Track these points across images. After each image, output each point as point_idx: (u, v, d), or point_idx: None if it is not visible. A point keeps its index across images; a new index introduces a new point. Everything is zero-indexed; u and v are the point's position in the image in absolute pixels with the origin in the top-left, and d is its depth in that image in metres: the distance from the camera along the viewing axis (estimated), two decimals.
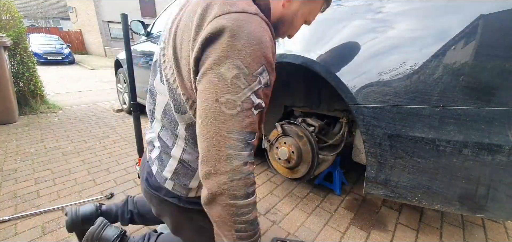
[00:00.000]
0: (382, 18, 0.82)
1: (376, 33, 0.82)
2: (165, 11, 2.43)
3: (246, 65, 0.43)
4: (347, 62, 0.86)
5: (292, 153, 1.29)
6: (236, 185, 0.44)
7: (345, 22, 0.92)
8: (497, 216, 0.73)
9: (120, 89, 3.30)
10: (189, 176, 0.66)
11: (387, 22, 0.81)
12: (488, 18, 0.63)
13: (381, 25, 0.81)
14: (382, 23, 0.81)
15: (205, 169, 0.45)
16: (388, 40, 0.79)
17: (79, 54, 15.89)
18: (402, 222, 1.21)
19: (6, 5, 2.84)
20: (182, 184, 0.67)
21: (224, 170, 0.43)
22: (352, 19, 0.90)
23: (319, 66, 0.93)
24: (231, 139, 0.43)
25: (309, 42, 0.99)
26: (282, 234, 1.13)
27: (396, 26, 0.78)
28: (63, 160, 1.84)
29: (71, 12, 18.42)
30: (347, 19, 0.91)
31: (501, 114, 0.63)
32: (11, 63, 2.91)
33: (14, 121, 2.72)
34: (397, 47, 0.77)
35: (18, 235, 1.09)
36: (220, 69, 0.43)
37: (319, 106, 1.37)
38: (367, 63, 0.81)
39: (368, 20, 0.85)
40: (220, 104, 0.43)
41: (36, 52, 9.77)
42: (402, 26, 0.77)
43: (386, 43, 0.79)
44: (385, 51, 0.78)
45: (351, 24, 0.89)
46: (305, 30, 1.02)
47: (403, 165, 0.81)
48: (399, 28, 0.78)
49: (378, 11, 0.84)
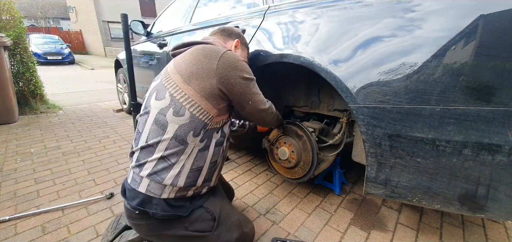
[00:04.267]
0: (382, 18, 0.82)
1: (376, 33, 0.82)
2: (165, 11, 2.43)
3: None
4: (347, 62, 0.86)
5: (292, 152, 1.29)
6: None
7: (344, 22, 0.92)
8: (497, 216, 0.73)
9: (120, 89, 3.30)
10: (167, 170, 0.75)
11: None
12: (488, 18, 0.63)
13: (381, 25, 0.81)
14: (382, 23, 0.81)
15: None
16: (388, 40, 0.79)
17: (79, 54, 15.89)
18: (402, 222, 1.21)
19: (6, 5, 2.84)
20: (158, 180, 0.75)
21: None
22: (351, 19, 0.90)
23: (319, 66, 0.93)
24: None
25: (309, 43, 0.99)
26: (282, 234, 1.13)
27: (396, 25, 0.78)
28: (63, 160, 1.84)
29: (71, 12, 18.42)
30: (346, 20, 0.91)
31: (501, 114, 0.63)
32: (11, 63, 2.91)
33: (14, 121, 2.72)
34: (397, 47, 0.76)
35: (18, 235, 1.09)
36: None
37: (319, 106, 1.37)
38: (367, 63, 0.81)
39: (368, 20, 0.85)
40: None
41: (36, 52, 9.79)
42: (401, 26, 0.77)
43: (386, 43, 0.79)
44: (385, 51, 0.78)
45: (351, 24, 0.89)
46: (305, 31, 1.02)
47: (403, 165, 0.81)
48: (398, 28, 0.78)
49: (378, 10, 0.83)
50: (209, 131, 0.79)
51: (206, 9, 1.83)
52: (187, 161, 0.77)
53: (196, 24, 1.78)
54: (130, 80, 1.44)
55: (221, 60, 0.77)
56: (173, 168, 0.75)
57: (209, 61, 0.76)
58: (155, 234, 0.82)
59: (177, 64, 0.81)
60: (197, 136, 0.77)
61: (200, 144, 0.78)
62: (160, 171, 0.75)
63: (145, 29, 2.42)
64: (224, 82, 0.77)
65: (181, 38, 1.90)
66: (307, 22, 1.04)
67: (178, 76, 0.77)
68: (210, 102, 0.77)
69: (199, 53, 0.79)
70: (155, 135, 0.76)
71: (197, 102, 0.75)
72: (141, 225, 0.81)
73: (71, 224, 1.17)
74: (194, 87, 0.75)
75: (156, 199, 0.76)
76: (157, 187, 0.75)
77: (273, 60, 1.10)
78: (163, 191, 0.76)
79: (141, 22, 2.39)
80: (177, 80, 0.77)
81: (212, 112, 0.78)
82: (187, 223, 0.81)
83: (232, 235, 0.83)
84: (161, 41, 2.09)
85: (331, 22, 0.95)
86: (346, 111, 1.22)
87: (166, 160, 0.75)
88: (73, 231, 1.12)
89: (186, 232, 0.81)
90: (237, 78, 0.79)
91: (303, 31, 1.03)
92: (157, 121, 0.76)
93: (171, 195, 0.77)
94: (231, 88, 0.79)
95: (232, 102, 0.84)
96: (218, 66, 0.76)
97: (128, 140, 2.30)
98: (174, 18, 2.16)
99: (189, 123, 0.75)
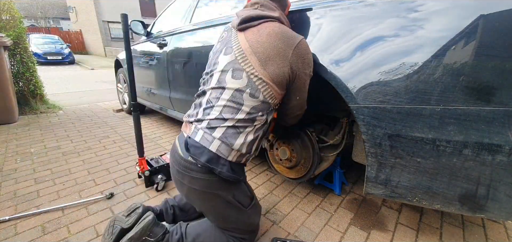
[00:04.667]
0: (381, 18, 0.82)
1: (376, 33, 0.82)
2: (165, 11, 2.43)
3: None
4: (347, 62, 0.86)
5: (292, 151, 1.29)
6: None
7: (344, 23, 0.92)
8: (497, 216, 0.73)
9: (120, 89, 3.30)
10: (235, 136, 0.82)
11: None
12: (488, 18, 0.63)
13: (383, 25, 0.81)
14: (382, 23, 0.81)
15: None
16: (388, 40, 0.79)
17: (79, 54, 15.89)
18: (402, 222, 1.21)
19: (6, 5, 2.84)
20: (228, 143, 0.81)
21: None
22: (351, 20, 0.90)
23: (319, 67, 0.93)
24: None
25: (309, 43, 0.99)
26: (282, 234, 1.13)
27: (396, 25, 0.78)
28: (63, 160, 1.84)
29: (71, 12, 18.43)
30: (346, 20, 0.91)
31: (501, 114, 0.63)
32: (11, 63, 2.91)
33: (14, 121, 2.72)
34: (397, 47, 0.77)
35: (18, 235, 1.09)
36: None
37: (319, 106, 1.37)
38: (367, 63, 0.81)
39: (367, 20, 0.85)
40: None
41: (36, 52, 9.78)
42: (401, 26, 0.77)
43: (386, 43, 0.79)
44: (385, 51, 0.78)
45: (350, 24, 0.89)
46: (306, 31, 1.02)
47: (403, 165, 0.81)
48: (399, 28, 0.78)
49: (378, 10, 0.84)
50: (271, 110, 0.90)
51: (206, 9, 1.84)
52: (252, 132, 0.85)
53: (196, 24, 1.78)
54: (130, 80, 1.44)
55: (296, 50, 0.83)
56: (240, 135, 0.83)
57: (285, 48, 0.82)
58: (208, 191, 0.87)
59: (252, 44, 0.84)
60: (263, 115, 0.86)
61: (263, 119, 0.87)
62: (230, 136, 0.82)
63: (145, 29, 2.42)
64: (293, 71, 0.85)
65: (181, 38, 1.90)
66: (307, 22, 1.04)
67: (255, 58, 0.82)
68: (279, 88, 0.85)
69: (276, 36, 0.84)
70: (230, 112, 0.83)
71: (270, 88, 0.83)
72: (197, 179, 0.85)
73: (71, 224, 1.17)
74: (270, 72, 0.82)
75: (224, 159, 0.82)
76: (227, 149, 0.82)
77: None
78: (230, 154, 0.82)
79: (141, 22, 2.39)
80: (254, 62, 0.82)
81: (278, 96, 0.88)
82: (236, 192, 0.90)
83: (257, 219, 0.98)
84: (161, 41, 2.09)
85: (333, 22, 0.95)
86: (346, 111, 1.22)
87: (237, 129, 0.83)
88: (73, 231, 1.12)
89: (232, 200, 0.89)
90: (304, 73, 0.87)
91: (304, 31, 1.03)
92: (234, 98, 0.83)
93: (234, 159, 0.84)
94: (295, 79, 0.87)
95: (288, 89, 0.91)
96: (293, 54, 0.83)
97: (128, 140, 2.30)
98: (174, 18, 2.16)
99: (261, 104, 0.84)
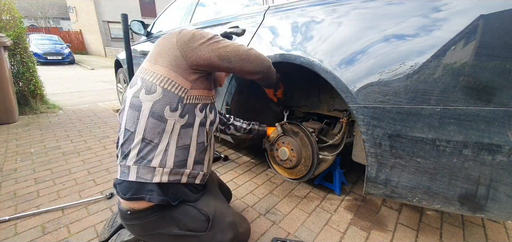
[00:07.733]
0: (381, 18, 0.82)
1: (376, 33, 0.82)
2: (165, 11, 2.43)
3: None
4: (347, 62, 0.86)
5: (292, 151, 1.29)
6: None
7: (343, 23, 0.92)
8: (497, 216, 0.73)
9: (120, 89, 3.30)
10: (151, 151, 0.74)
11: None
12: (488, 18, 0.63)
13: (382, 26, 0.81)
14: (381, 22, 0.81)
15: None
16: (388, 40, 0.79)
17: (79, 54, 15.89)
18: (402, 222, 1.21)
19: (6, 5, 2.84)
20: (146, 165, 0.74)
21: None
22: (350, 20, 0.90)
23: (319, 67, 0.93)
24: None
25: (309, 43, 0.99)
26: (282, 234, 1.13)
27: (395, 25, 0.78)
28: (63, 160, 1.84)
29: (71, 12, 18.42)
30: (345, 20, 0.91)
31: (501, 114, 0.63)
32: (11, 63, 2.91)
33: (14, 121, 2.72)
34: (397, 47, 0.76)
35: (18, 235, 1.09)
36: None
37: (319, 107, 1.37)
38: (367, 63, 0.81)
39: (367, 20, 0.85)
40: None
41: (36, 52, 9.78)
42: (401, 25, 0.77)
43: (386, 43, 0.79)
44: (385, 51, 0.78)
45: (350, 24, 0.89)
46: (305, 31, 1.02)
47: (403, 165, 0.81)
48: (399, 28, 0.78)
49: (378, 10, 0.84)
50: (188, 106, 0.78)
51: (206, 9, 1.84)
52: (171, 138, 0.76)
53: (196, 24, 1.78)
54: (130, 80, 1.44)
55: (178, 35, 0.78)
56: (158, 147, 0.74)
57: (169, 40, 0.78)
58: (148, 233, 0.82)
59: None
60: (174, 111, 0.75)
61: (181, 120, 0.77)
62: (146, 154, 0.74)
63: (145, 29, 2.42)
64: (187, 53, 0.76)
65: None
66: (307, 22, 1.04)
67: (146, 63, 0.80)
68: (179, 74, 0.76)
69: (159, 40, 0.84)
70: (132, 119, 0.75)
71: (166, 76, 0.75)
72: (134, 225, 0.81)
73: (71, 224, 1.17)
74: (161, 64, 0.76)
75: (149, 183, 0.74)
76: (147, 170, 0.73)
77: (272, 60, 1.10)
78: (154, 174, 0.74)
79: (141, 22, 2.39)
80: (145, 65, 0.79)
81: (185, 84, 0.77)
82: (181, 223, 0.80)
83: (226, 236, 0.82)
84: None
85: (332, 23, 0.95)
86: (346, 111, 1.22)
87: (149, 142, 0.74)
88: (73, 231, 1.12)
89: (180, 232, 0.80)
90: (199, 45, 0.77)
91: (304, 31, 1.03)
92: (132, 104, 0.76)
93: (164, 179, 0.75)
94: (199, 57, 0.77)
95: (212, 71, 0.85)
96: (178, 39, 0.76)
97: None
98: (174, 18, 2.16)
99: (163, 98, 0.74)
